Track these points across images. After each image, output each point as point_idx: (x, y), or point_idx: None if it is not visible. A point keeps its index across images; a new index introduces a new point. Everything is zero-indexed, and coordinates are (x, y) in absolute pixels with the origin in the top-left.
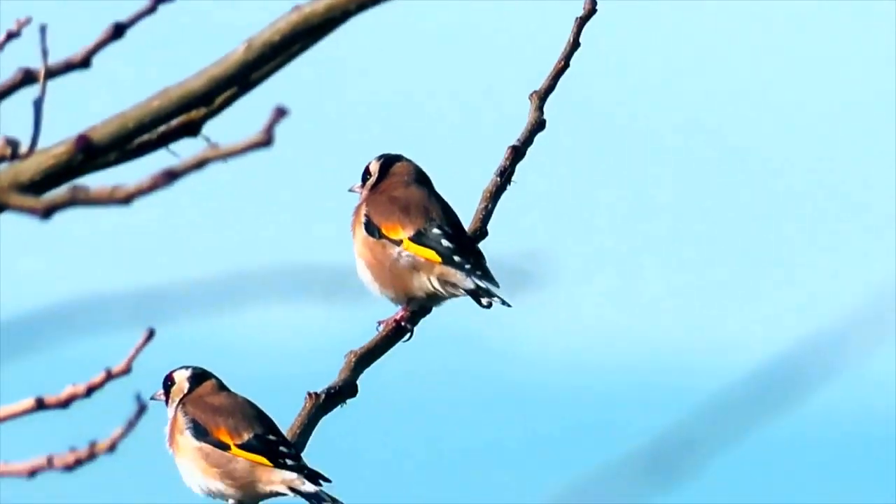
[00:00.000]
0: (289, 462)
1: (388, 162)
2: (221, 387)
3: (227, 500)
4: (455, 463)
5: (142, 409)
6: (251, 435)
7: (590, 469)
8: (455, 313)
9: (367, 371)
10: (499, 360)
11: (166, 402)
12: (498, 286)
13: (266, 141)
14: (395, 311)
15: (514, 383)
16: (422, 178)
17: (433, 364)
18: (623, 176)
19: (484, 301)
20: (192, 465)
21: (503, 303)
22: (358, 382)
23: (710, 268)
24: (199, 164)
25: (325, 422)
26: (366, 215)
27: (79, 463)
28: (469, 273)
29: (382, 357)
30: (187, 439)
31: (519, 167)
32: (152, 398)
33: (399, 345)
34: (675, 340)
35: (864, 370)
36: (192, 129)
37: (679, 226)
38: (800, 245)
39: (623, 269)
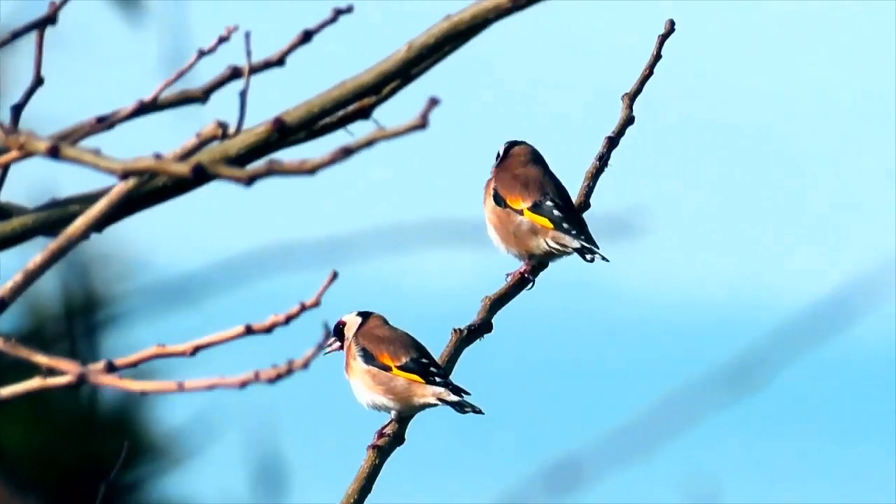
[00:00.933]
0: (437, 379)
1: (511, 145)
2: (384, 322)
3: (389, 412)
4: (570, 384)
5: (328, 334)
6: (408, 358)
7: (679, 383)
8: (567, 267)
9: (499, 312)
10: (605, 300)
11: (341, 346)
12: (598, 247)
13: (422, 124)
14: (519, 266)
15: (618, 318)
16: (538, 159)
17: (551, 305)
18: (697, 160)
19: (588, 257)
20: (361, 384)
21: (602, 258)
22: (492, 321)
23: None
24: (370, 143)
25: (466, 352)
26: (494, 188)
27: (279, 377)
28: (575, 237)
29: (511, 301)
30: (358, 364)
31: (613, 154)
32: (325, 352)
33: (524, 292)
34: (751, 281)
35: None
36: (364, 113)
37: (746, 195)
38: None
39: (702, 226)
